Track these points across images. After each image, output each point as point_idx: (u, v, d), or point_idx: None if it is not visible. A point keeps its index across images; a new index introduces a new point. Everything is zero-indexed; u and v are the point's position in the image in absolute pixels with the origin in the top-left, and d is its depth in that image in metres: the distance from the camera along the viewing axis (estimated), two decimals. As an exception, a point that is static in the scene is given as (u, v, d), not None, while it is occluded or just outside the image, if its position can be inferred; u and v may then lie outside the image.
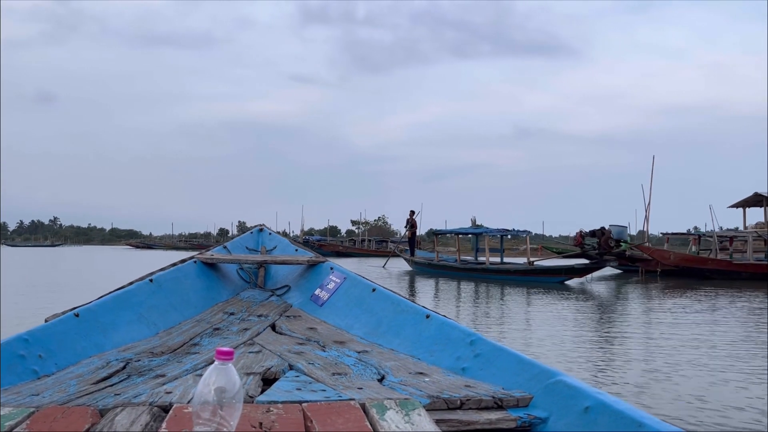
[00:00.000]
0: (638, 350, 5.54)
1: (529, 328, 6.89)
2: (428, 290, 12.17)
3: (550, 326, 6.94)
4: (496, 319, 7.55)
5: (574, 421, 1.43)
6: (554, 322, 7.37)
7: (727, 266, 16.64)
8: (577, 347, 5.56)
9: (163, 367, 1.90)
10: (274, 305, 3.07)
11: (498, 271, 15.39)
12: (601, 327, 7.05)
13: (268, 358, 1.98)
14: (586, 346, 5.65)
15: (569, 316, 8.11)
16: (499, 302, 9.90)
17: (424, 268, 17.79)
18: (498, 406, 1.54)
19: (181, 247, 63.79)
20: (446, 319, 2.27)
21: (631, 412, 1.30)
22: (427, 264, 17.75)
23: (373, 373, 1.86)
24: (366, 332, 2.55)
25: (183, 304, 2.87)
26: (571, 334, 6.42)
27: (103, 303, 2.42)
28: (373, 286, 2.86)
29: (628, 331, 6.70)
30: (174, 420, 1.22)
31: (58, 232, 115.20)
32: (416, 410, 1.33)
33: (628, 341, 5.99)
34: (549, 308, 9.15)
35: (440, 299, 10.28)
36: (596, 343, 5.89)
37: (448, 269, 16.80)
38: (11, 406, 1.37)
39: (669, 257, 16.81)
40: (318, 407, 1.35)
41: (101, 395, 1.54)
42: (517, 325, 7.13)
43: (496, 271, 15.44)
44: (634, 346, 5.75)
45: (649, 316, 8.32)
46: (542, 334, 6.31)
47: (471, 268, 16.24)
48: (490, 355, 1.91)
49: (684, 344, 5.78)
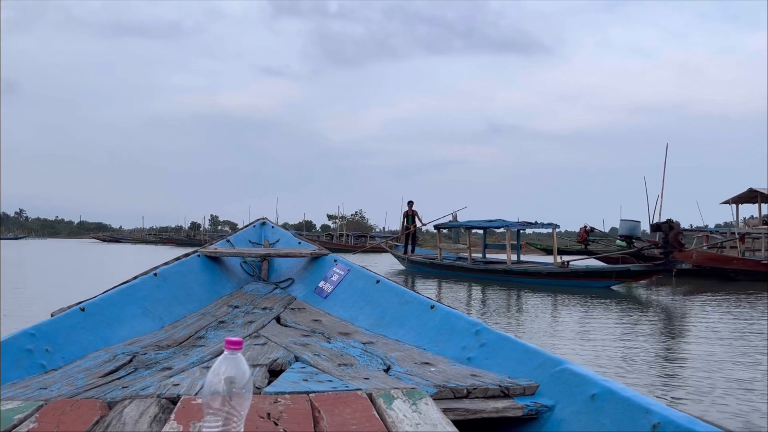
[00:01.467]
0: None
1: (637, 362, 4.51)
2: (442, 297, 9.31)
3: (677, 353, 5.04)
4: (573, 339, 5.51)
5: (580, 409, 1.43)
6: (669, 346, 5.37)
7: (755, 266, 14.64)
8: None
9: (169, 360, 1.91)
10: (279, 298, 3.07)
11: (525, 274, 12.16)
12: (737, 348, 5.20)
13: (274, 350, 1.99)
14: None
15: (658, 335, 5.99)
16: (551, 315, 7.44)
17: (423, 269, 14.75)
18: (504, 394, 1.54)
19: (150, 240, 62.80)
20: (451, 310, 2.27)
21: (637, 399, 1.30)
22: (428, 263, 14.67)
23: (379, 364, 1.86)
24: (371, 323, 2.55)
25: (187, 297, 2.88)
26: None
27: (109, 297, 2.43)
28: (377, 277, 2.86)
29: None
30: (182, 411, 1.22)
31: (23, 224, 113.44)
32: (423, 399, 1.34)
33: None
34: (635, 323, 6.73)
35: (472, 310, 7.60)
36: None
37: (456, 270, 13.75)
38: (20, 399, 1.37)
39: (691, 256, 14.26)
40: (325, 398, 1.35)
41: (109, 388, 1.54)
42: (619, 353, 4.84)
43: (522, 273, 12.19)
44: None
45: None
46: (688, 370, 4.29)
47: (489, 269, 12.93)
48: (495, 345, 1.91)
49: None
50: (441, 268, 14.30)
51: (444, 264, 14.39)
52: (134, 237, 73.18)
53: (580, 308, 8.25)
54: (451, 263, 14.25)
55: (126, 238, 70.86)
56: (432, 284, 11.79)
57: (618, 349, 5.01)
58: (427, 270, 14.68)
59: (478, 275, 13.15)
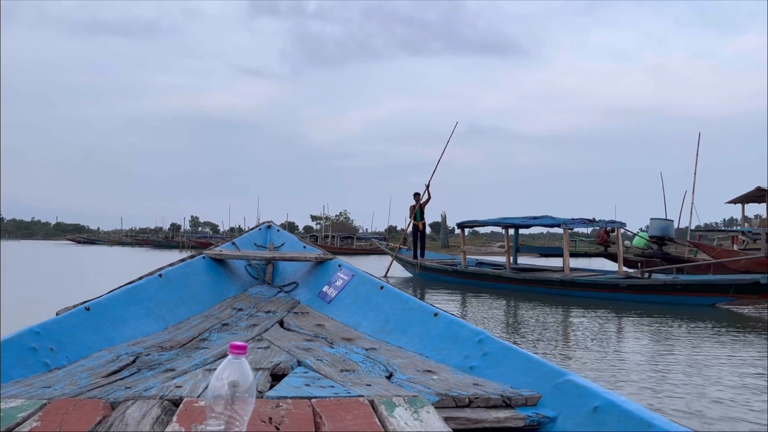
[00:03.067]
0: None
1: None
2: (482, 321, 6.78)
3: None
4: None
5: (582, 421, 1.42)
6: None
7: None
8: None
9: (172, 361, 1.91)
10: (282, 301, 3.08)
11: (594, 286, 9.22)
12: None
13: (277, 353, 1.99)
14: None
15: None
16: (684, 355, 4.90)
17: (441, 277, 11.78)
18: (506, 404, 1.54)
19: (126, 242, 61.82)
20: (454, 318, 2.27)
21: (640, 412, 1.30)
22: (449, 271, 11.59)
23: (381, 371, 1.86)
24: (374, 329, 2.55)
25: (192, 299, 2.89)
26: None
27: (114, 297, 2.44)
28: (381, 283, 2.86)
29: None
30: (184, 414, 1.22)
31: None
32: (425, 407, 1.33)
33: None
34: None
35: (548, 345, 5.21)
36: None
37: (489, 280, 10.76)
38: (24, 397, 1.38)
39: (739, 261, 11.93)
40: (327, 403, 1.35)
41: (112, 388, 1.55)
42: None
43: (590, 285, 9.28)
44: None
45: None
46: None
47: (539, 279, 9.84)
48: (498, 354, 1.90)
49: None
50: (466, 276, 11.22)
51: (471, 272, 11.22)
52: (110, 239, 72.14)
53: (709, 341, 5.56)
54: (481, 271, 11.20)
55: (101, 240, 69.86)
56: (454, 298, 9.25)
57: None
58: (447, 279, 11.64)
59: (520, 287, 10.09)
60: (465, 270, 11.36)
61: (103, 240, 70.42)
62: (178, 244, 47.34)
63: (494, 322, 6.85)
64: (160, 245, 49.89)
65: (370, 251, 36.05)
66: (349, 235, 46.06)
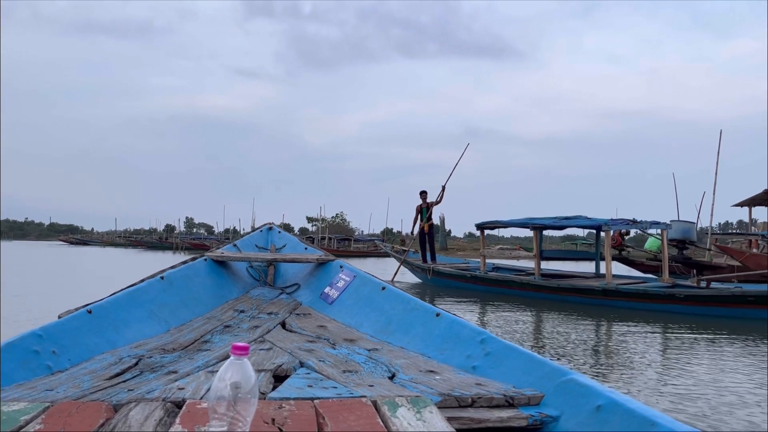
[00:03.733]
0: None
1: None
2: (518, 335, 5.85)
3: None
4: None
5: (585, 420, 1.42)
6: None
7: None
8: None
9: (174, 363, 1.91)
10: (284, 303, 3.08)
11: (644, 296, 8.05)
12: None
13: (279, 355, 1.99)
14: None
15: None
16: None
17: (457, 284, 10.54)
18: (509, 404, 1.54)
19: (119, 243, 61.05)
20: (456, 318, 2.27)
21: (643, 411, 1.29)
22: (467, 277, 10.31)
23: (383, 371, 1.86)
24: (376, 330, 2.55)
25: (194, 301, 2.89)
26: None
27: (116, 300, 2.44)
28: (383, 284, 2.86)
29: None
30: (187, 415, 1.22)
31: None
32: (428, 408, 1.33)
33: None
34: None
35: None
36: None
37: (516, 287, 9.54)
38: (26, 400, 1.38)
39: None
40: (330, 404, 1.35)
41: (114, 391, 1.55)
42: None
43: (637, 295, 8.11)
44: None
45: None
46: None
47: (577, 287, 8.73)
48: (500, 354, 1.90)
49: None
50: (487, 283, 9.93)
51: (493, 279, 9.88)
52: (103, 240, 71.38)
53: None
54: (506, 278, 9.80)
55: (95, 241, 69.01)
56: (474, 308, 8.13)
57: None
58: (464, 286, 10.42)
59: (551, 296, 8.98)
60: (486, 276, 10.03)
61: (96, 241, 69.74)
62: (172, 245, 46.94)
63: (527, 336, 5.82)
64: (153, 246, 49.48)
65: (367, 253, 35.62)
66: (347, 237, 45.07)
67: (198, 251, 37.93)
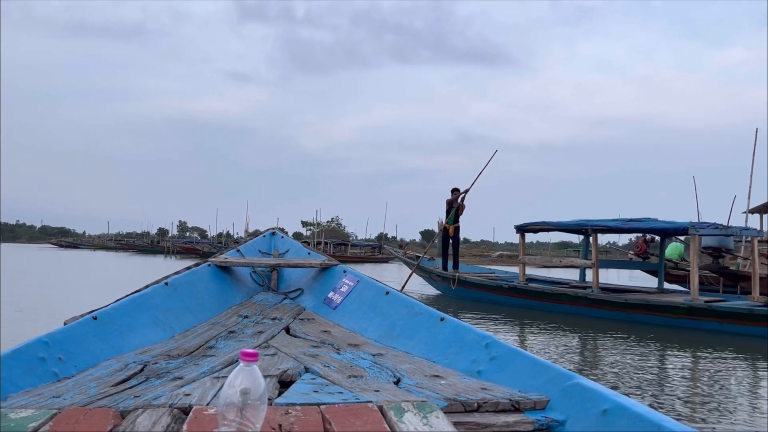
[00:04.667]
0: None
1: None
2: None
3: None
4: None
5: (591, 424, 1.42)
6: None
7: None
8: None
9: (180, 369, 1.92)
10: (288, 308, 3.08)
11: (744, 317, 6.81)
12: None
13: (284, 360, 2.00)
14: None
15: None
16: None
17: (487, 296, 9.15)
18: (515, 408, 1.54)
19: (110, 247, 60.59)
20: (460, 322, 2.27)
21: (650, 415, 1.30)
22: (504, 288, 8.85)
23: (389, 376, 1.86)
24: (380, 335, 2.55)
25: (198, 307, 2.90)
26: None
27: (121, 306, 2.45)
28: (387, 289, 2.87)
29: None
30: (194, 422, 1.23)
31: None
32: (434, 412, 1.34)
33: None
34: None
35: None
36: None
37: (566, 302, 8.09)
38: (34, 407, 1.39)
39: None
40: (336, 409, 1.35)
41: (121, 397, 1.56)
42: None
43: (734, 315, 6.89)
44: None
45: None
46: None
47: (657, 305, 7.35)
48: (505, 358, 1.90)
49: None
50: (529, 296, 8.44)
51: (538, 291, 8.39)
52: (94, 243, 70.91)
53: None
54: (554, 291, 8.33)
55: (85, 244, 68.73)
56: (514, 327, 6.88)
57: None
58: (497, 299, 8.88)
59: (613, 314, 7.50)
60: (528, 288, 8.50)
61: (86, 244, 69.27)
62: (163, 249, 46.51)
63: (592, 367, 4.60)
64: (144, 250, 49.08)
65: (365, 259, 35.33)
66: (343, 241, 44.42)
67: (189, 255, 37.01)
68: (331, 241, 42.52)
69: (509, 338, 6.16)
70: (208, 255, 5.90)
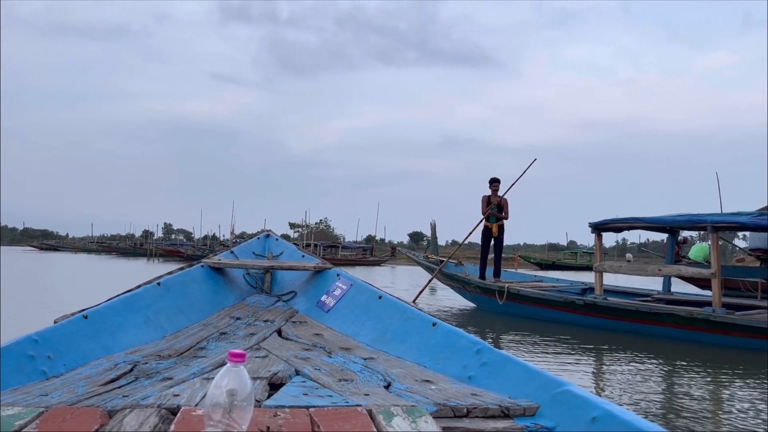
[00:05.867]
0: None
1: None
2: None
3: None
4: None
5: (581, 431, 1.42)
6: None
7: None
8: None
9: (170, 370, 1.91)
10: (280, 311, 3.07)
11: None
12: None
13: (275, 363, 1.99)
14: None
15: None
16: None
17: (551, 314, 7.22)
18: (504, 414, 1.54)
19: (92, 249, 59.14)
20: (453, 328, 2.27)
21: (639, 423, 1.30)
22: (580, 305, 6.85)
23: (379, 380, 1.86)
24: (372, 339, 2.55)
25: (190, 307, 2.89)
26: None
27: (112, 305, 2.43)
28: (380, 293, 2.86)
29: None
30: (182, 422, 1.22)
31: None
32: (423, 417, 1.33)
33: None
34: None
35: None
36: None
37: (667, 323, 6.08)
38: (21, 405, 1.38)
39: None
40: (325, 413, 1.35)
41: (109, 397, 1.55)
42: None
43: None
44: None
45: None
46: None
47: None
48: (496, 364, 1.90)
49: None
50: (610, 315, 6.55)
51: (623, 308, 6.40)
52: (75, 245, 69.63)
53: None
54: (657, 310, 6.18)
55: (66, 247, 67.58)
56: (609, 365, 4.88)
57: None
58: (565, 318, 7.05)
59: (739, 341, 5.58)
60: (610, 305, 6.51)
61: (67, 246, 68.12)
62: (146, 251, 45.33)
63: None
64: (126, 253, 47.69)
65: (355, 261, 34.66)
66: (334, 243, 43.19)
67: (173, 258, 36.11)
68: (321, 243, 41.28)
69: (607, 385, 4.10)
70: (192, 258, 5.72)
